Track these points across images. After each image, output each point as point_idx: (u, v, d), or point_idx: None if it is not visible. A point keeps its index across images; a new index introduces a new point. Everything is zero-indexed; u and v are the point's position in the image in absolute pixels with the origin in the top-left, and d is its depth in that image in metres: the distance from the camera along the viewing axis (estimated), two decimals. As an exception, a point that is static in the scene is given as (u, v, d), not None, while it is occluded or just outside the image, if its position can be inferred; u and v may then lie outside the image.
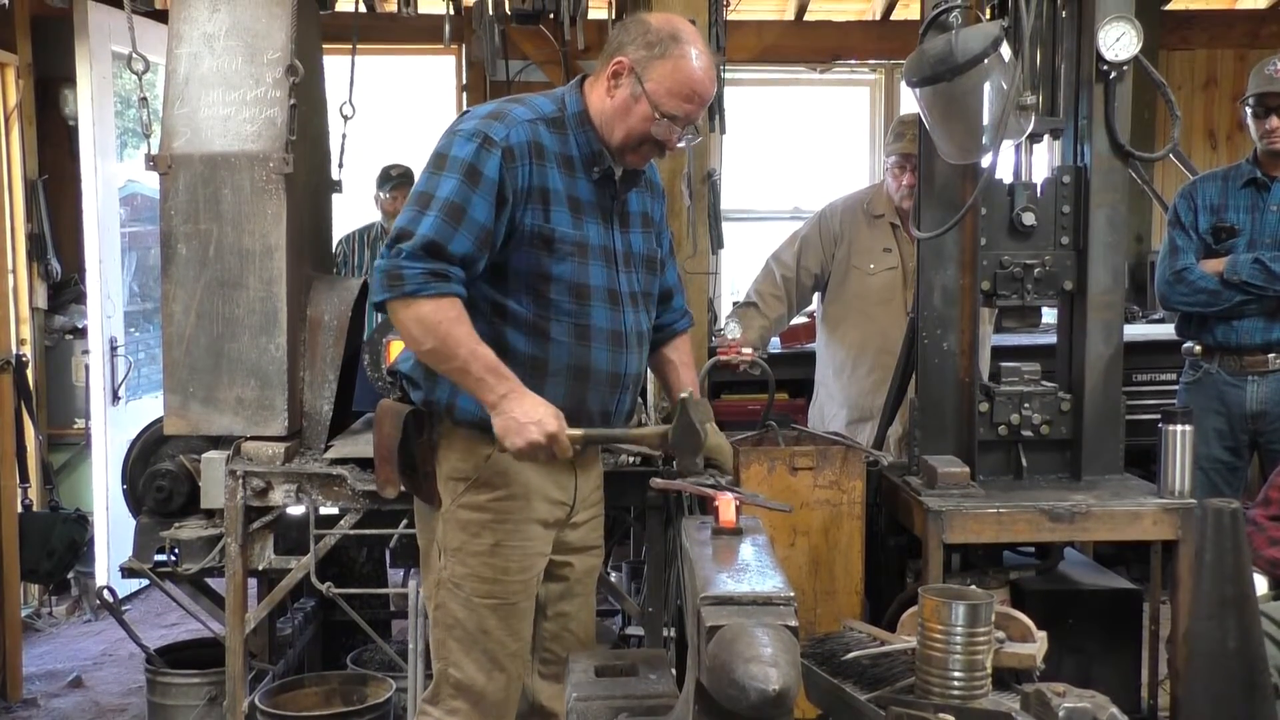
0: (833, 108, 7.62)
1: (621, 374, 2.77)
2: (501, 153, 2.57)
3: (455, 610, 2.75)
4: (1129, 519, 3.17)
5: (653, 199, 2.92)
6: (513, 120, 2.62)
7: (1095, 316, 3.42)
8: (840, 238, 4.37)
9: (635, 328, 2.80)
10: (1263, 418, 4.28)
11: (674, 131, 2.66)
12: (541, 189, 2.62)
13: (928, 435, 3.44)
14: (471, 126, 2.60)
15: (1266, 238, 4.23)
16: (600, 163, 2.70)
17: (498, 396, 2.54)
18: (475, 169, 2.55)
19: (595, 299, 2.70)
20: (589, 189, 2.71)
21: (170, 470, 3.62)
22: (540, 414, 2.54)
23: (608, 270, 2.73)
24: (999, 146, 3.12)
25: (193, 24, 3.60)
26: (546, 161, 2.63)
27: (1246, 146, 4.67)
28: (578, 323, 2.68)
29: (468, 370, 2.54)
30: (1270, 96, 4.20)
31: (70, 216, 5.93)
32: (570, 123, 2.69)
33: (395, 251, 2.54)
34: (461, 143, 2.58)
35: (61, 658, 5.21)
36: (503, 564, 2.72)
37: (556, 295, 2.66)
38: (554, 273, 2.65)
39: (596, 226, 2.71)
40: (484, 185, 2.55)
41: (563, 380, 2.68)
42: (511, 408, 2.53)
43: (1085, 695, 2.05)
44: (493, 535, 2.71)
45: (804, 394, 5.20)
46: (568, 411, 2.62)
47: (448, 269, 2.53)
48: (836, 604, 3.35)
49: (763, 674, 1.76)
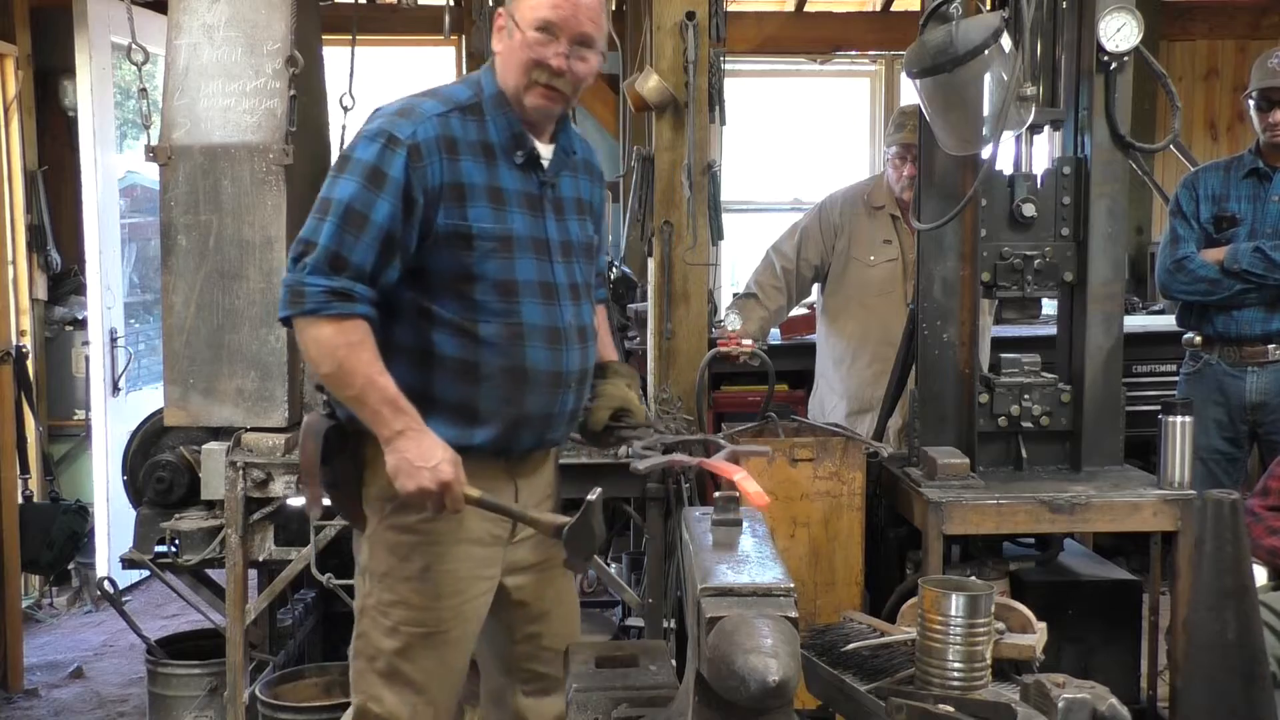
0: (833, 99, 7.61)
1: (563, 372, 2.56)
2: (407, 151, 2.40)
3: (379, 640, 2.53)
4: (1129, 510, 3.18)
5: (591, 183, 2.73)
6: (420, 116, 2.45)
7: (1095, 308, 3.42)
8: (840, 229, 4.37)
9: (575, 322, 2.60)
10: (1262, 408, 4.28)
11: (550, 46, 2.45)
12: (455, 185, 2.44)
13: (928, 426, 3.44)
14: (376, 126, 2.44)
15: (1268, 228, 4.23)
16: (524, 145, 2.52)
17: (393, 432, 2.37)
18: (378, 170, 2.39)
19: (525, 295, 2.51)
20: (514, 177, 2.52)
21: (170, 461, 3.62)
22: (437, 458, 2.36)
23: (539, 263, 2.54)
24: (999, 138, 3.11)
25: (192, 15, 3.60)
26: (460, 155, 2.46)
27: (1247, 137, 4.67)
28: (508, 322, 2.49)
29: (364, 401, 2.38)
30: (1273, 91, 4.19)
31: (70, 208, 5.93)
32: (488, 106, 2.51)
33: (300, 266, 2.38)
34: (365, 144, 2.42)
35: (62, 649, 5.22)
36: (434, 590, 2.51)
37: (482, 295, 2.47)
38: (477, 271, 2.46)
39: (523, 217, 2.52)
40: (388, 187, 2.39)
41: (498, 384, 2.49)
42: (407, 447, 2.36)
43: (1085, 686, 2.05)
44: (422, 558, 2.51)
45: (804, 385, 5.20)
46: (507, 418, 2.50)
47: (351, 287, 2.37)
48: (836, 595, 3.35)
49: (763, 665, 1.76)
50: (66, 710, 4.57)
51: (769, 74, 7.45)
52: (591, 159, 2.77)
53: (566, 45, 2.46)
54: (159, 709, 3.87)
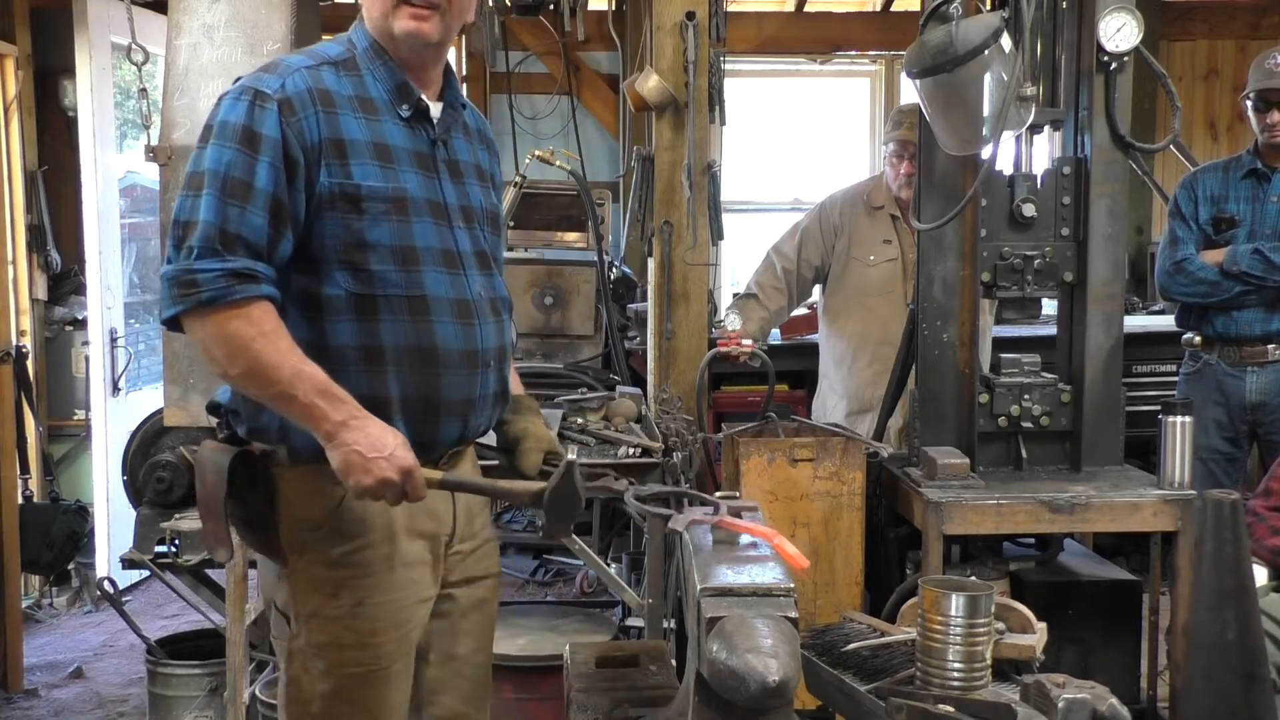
0: (833, 99, 7.61)
1: (478, 350, 2.28)
2: (278, 105, 2.11)
3: (311, 685, 2.23)
4: (1129, 510, 3.18)
5: (489, 155, 2.49)
6: (286, 69, 2.18)
7: (1095, 308, 3.42)
8: (840, 229, 4.37)
9: (486, 292, 2.32)
10: (1262, 408, 4.29)
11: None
12: (335, 140, 2.15)
13: (928, 426, 3.44)
14: (238, 86, 2.16)
15: (1267, 229, 4.23)
16: (408, 97, 2.26)
17: (334, 424, 2.06)
18: (250, 130, 2.09)
19: (427, 263, 2.22)
20: (401, 133, 2.24)
21: (170, 461, 3.62)
22: (390, 444, 2.07)
23: (438, 228, 2.25)
24: (999, 138, 3.11)
25: (192, 15, 3.60)
26: (337, 108, 2.17)
27: (1247, 137, 4.67)
28: (410, 294, 2.19)
29: (293, 395, 2.05)
30: (1271, 92, 4.20)
31: (70, 208, 5.93)
32: (363, 60, 2.25)
33: (183, 251, 2.06)
34: (229, 105, 2.13)
35: (62, 649, 5.22)
36: (369, 625, 2.22)
37: (378, 265, 2.17)
38: (369, 238, 2.16)
39: (416, 176, 2.24)
40: (265, 147, 2.09)
41: (406, 368, 2.19)
42: (354, 438, 2.05)
43: (1085, 686, 2.05)
44: (353, 594, 2.21)
45: (804, 385, 5.21)
46: (421, 407, 2.21)
47: (252, 266, 2.07)
48: (836, 595, 3.35)
49: (763, 665, 1.77)
50: (66, 710, 4.57)
51: (769, 74, 7.45)
52: (485, 129, 2.51)
53: None
54: (159, 709, 3.87)
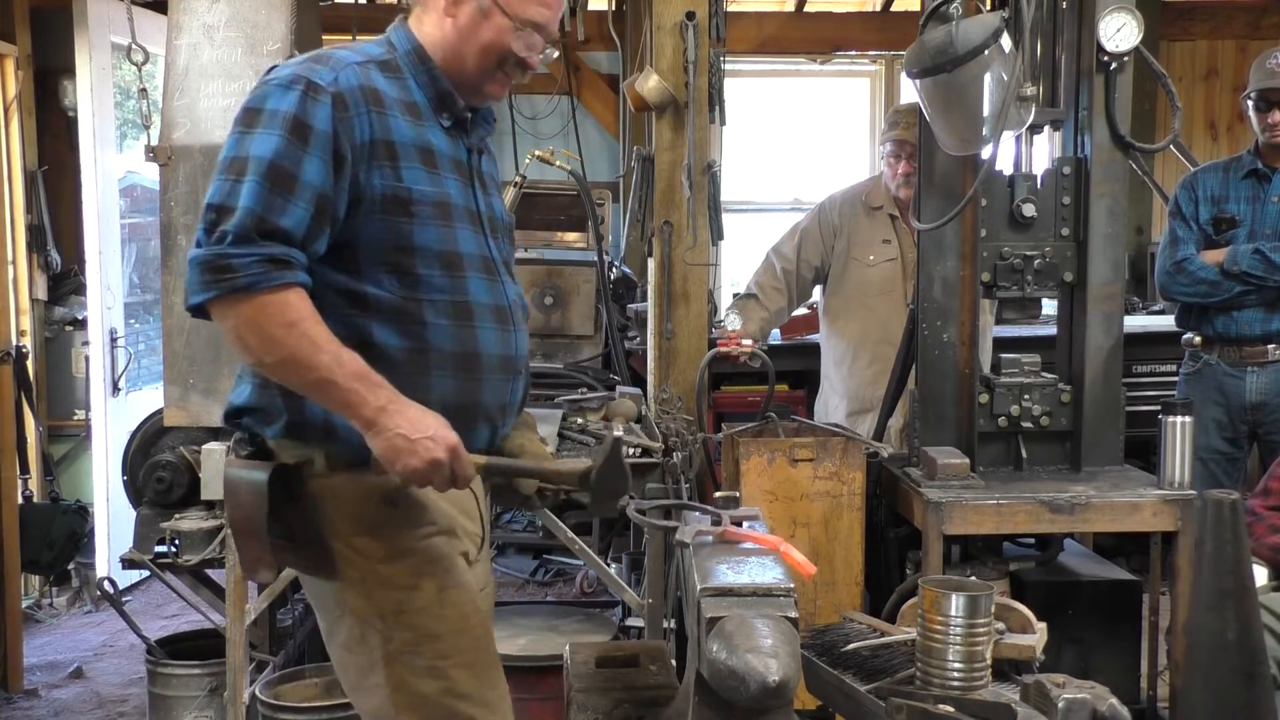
0: (833, 99, 7.61)
1: (514, 356, 2.29)
2: (332, 100, 2.06)
3: (421, 686, 2.13)
4: (1129, 510, 3.18)
5: (495, 164, 2.50)
6: (339, 63, 2.12)
7: (1095, 308, 3.42)
8: (839, 230, 4.38)
9: (518, 300, 2.34)
10: (1262, 408, 4.28)
11: (533, 43, 2.23)
12: (386, 141, 2.12)
13: (928, 427, 3.44)
14: (289, 73, 2.08)
15: (1267, 229, 4.23)
16: (451, 106, 2.25)
17: (374, 409, 2.00)
18: (301, 122, 2.03)
19: (470, 269, 2.20)
20: (443, 139, 2.23)
21: (170, 461, 3.62)
22: (432, 424, 2.03)
23: (476, 235, 2.24)
24: (999, 138, 3.11)
25: (192, 15, 3.60)
26: (387, 108, 2.14)
27: (1247, 138, 4.67)
28: (455, 299, 2.18)
29: (332, 380, 1.99)
30: (1272, 92, 4.19)
31: (70, 208, 5.92)
32: (405, 63, 2.22)
33: (216, 235, 1.98)
34: (279, 92, 2.06)
35: (62, 649, 5.22)
36: (458, 611, 2.17)
37: (424, 269, 2.14)
38: (417, 242, 2.13)
39: (456, 183, 2.23)
40: (316, 141, 2.04)
41: (449, 374, 2.18)
42: (396, 422, 2.00)
43: (1085, 686, 2.05)
44: (434, 581, 2.16)
45: (804, 385, 5.21)
46: (461, 413, 2.16)
47: (289, 252, 2.01)
48: (836, 595, 3.35)
49: (763, 665, 1.77)
50: (66, 710, 4.57)
51: (769, 74, 7.45)
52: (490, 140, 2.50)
53: (542, 44, 2.28)
54: (159, 709, 3.87)
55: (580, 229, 5.01)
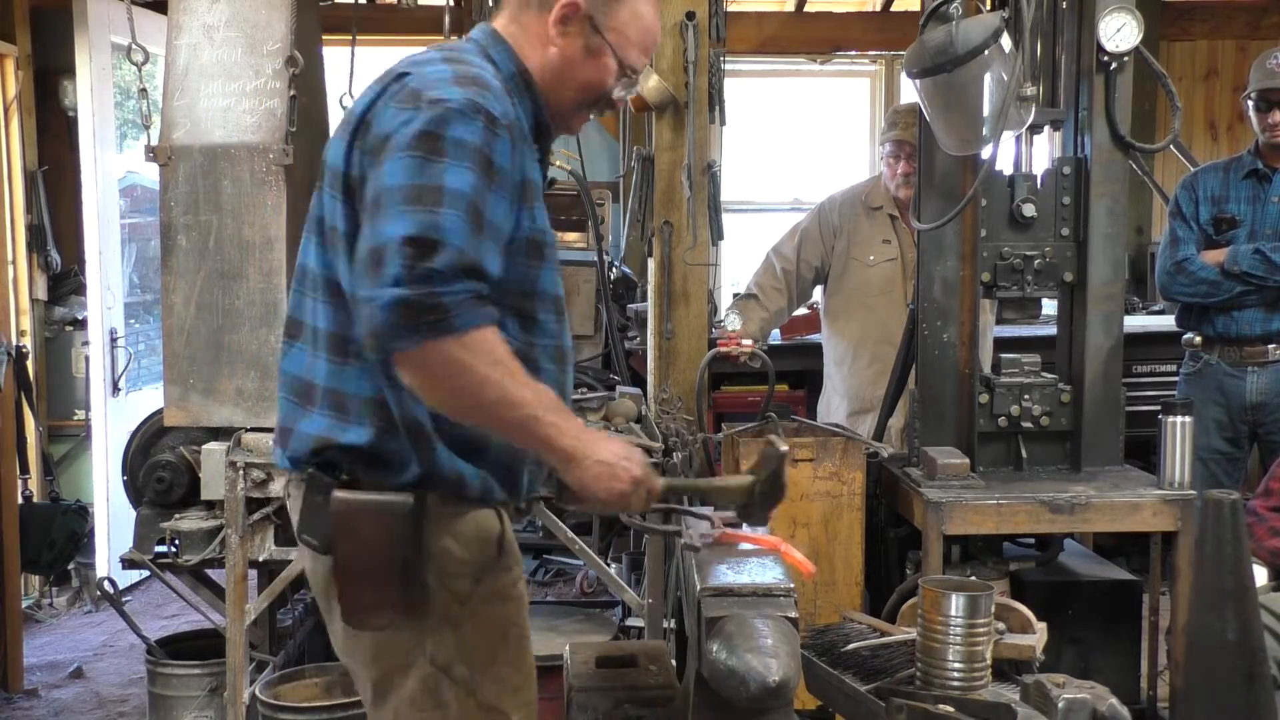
0: (833, 99, 7.61)
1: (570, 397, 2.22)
2: (509, 135, 1.92)
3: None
4: (1129, 510, 3.18)
5: None
6: (496, 91, 1.96)
7: (1095, 308, 3.42)
8: (839, 230, 4.38)
9: None
10: (1262, 409, 4.29)
11: (626, 85, 2.15)
12: (528, 180, 2.00)
13: (928, 427, 3.44)
14: (464, 98, 1.89)
15: (1267, 229, 4.23)
16: (545, 137, 2.13)
17: (572, 440, 1.91)
18: (487, 158, 1.87)
19: (562, 312, 2.13)
20: (538, 170, 2.09)
21: (170, 461, 3.62)
22: (622, 448, 1.98)
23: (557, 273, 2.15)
24: (999, 138, 3.12)
25: (192, 15, 3.60)
26: (524, 142, 2.01)
27: (1247, 137, 4.67)
28: (558, 344, 2.10)
29: (536, 417, 1.88)
30: (1272, 92, 4.20)
31: (70, 208, 5.92)
32: (510, 85, 2.05)
33: (420, 272, 1.78)
34: (461, 121, 1.87)
35: (62, 649, 5.22)
36: (529, 662, 2.09)
37: (543, 314, 2.06)
38: (539, 286, 2.04)
39: None
40: (500, 179, 1.90)
41: None
42: (594, 450, 1.93)
43: (1085, 686, 2.05)
44: (518, 630, 2.08)
45: (804, 385, 5.22)
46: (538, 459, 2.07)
47: (484, 289, 1.86)
48: (836, 595, 3.35)
49: (763, 665, 1.77)
50: (66, 710, 4.57)
51: (769, 74, 7.45)
52: None
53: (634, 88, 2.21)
54: (159, 709, 3.87)
55: (580, 229, 5.01)
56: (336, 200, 2.00)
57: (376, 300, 1.79)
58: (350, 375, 1.98)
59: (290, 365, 2.12)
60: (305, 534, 2.03)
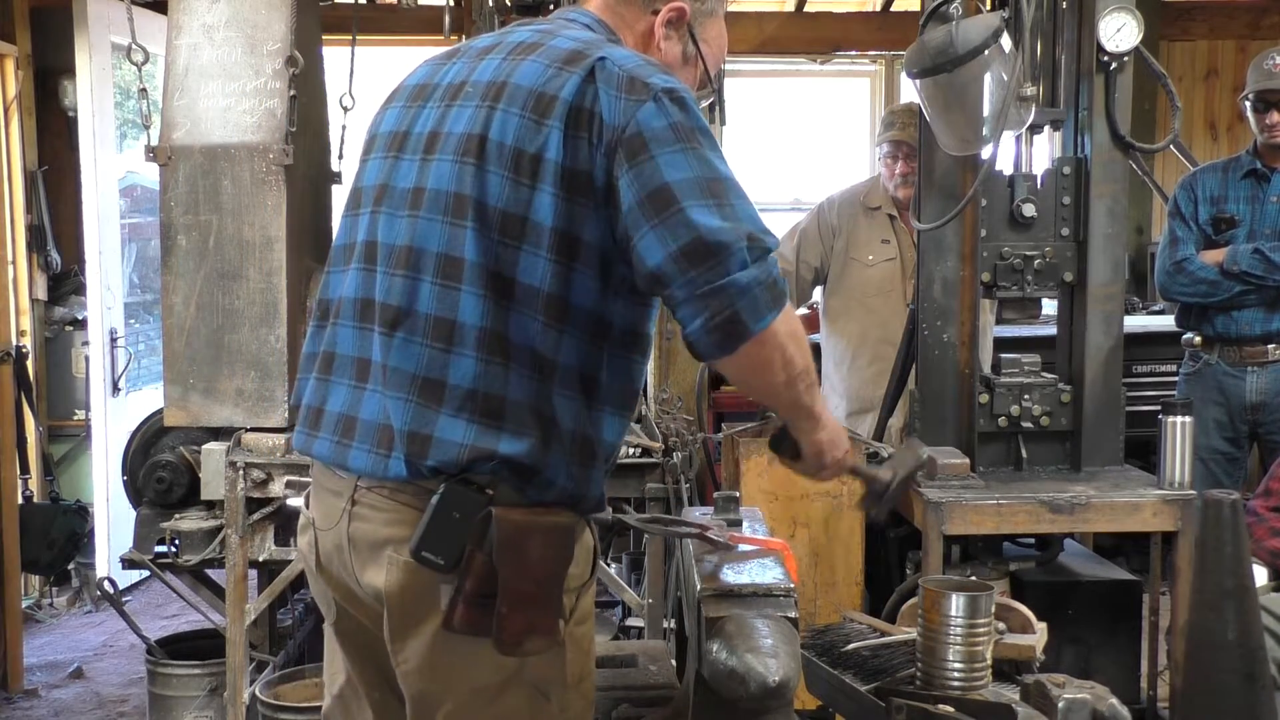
0: (833, 99, 7.61)
1: None
2: None
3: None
4: (1129, 510, 3.17)
5: None
6: None
7: (1095, 308, 3.41)
8: (838, 230, 4.38)
9: None
10: (1262, 408, 4.29)
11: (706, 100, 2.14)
12: None
13: (928, 427, 3.44)
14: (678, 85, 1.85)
15: (1266, 228, 4.24)
16: None
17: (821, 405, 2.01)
18: None
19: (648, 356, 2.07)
20: None
21: (170, 461, 3.62)
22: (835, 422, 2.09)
23: None
24: (999, 138, 3.11)
25: (192, 15, 3.60)
26: None
27: (1247, 138, 4.67)
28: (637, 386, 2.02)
29: (813, 383, 1.93)
30: (1270, 93, 4.20)
31: (70, 208, 5.93)
32: None
33: (759, 252, 1.80)
34: (696, 111, 1.85)
35: (62, 649, 5.22)
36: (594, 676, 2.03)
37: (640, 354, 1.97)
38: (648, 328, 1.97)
39: None
40: None
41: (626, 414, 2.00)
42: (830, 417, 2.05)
43: (1085, 686, 2.05)
44: (593, 645, 2.00)
45: (804, 385, 5.20)
46: None
47: None
48: (837, 595, 3.36)
49: (763, 665, 1.77)
50: (66, 710, 4.57)
51: (769, 74, 7.45)
52: None
53: None
54: (159, 709, 3.87)
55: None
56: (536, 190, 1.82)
57: (732, 287, 1.75)
58: (512, 379, 1.81)
59: (398, 359, 1.85)
60: (427, 551, 1.79)
